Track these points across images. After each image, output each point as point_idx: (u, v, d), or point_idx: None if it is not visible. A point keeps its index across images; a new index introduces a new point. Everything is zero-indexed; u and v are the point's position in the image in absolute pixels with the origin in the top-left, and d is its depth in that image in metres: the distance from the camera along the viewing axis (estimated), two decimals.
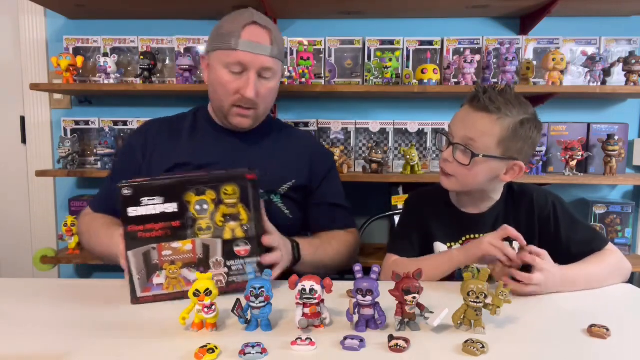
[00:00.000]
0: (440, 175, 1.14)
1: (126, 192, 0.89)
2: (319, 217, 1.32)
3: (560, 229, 1.12)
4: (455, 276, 1.09)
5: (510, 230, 1.01)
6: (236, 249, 0.95)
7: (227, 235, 0.94)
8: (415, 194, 1.31)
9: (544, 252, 0.99)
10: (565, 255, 1.09)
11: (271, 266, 0.99)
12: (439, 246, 1.18)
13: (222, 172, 0.97)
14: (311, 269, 1.09)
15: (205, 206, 0.92)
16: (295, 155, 1.30)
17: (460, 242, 1.16)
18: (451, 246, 1.17)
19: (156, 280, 0.93)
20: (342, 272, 1.40)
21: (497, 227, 1.12)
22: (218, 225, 0.94)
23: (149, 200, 0.90)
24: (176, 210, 0.91)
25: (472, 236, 1.16)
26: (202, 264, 0.94)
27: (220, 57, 1.16)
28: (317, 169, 1.31)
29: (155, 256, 0.92)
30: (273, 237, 1.01)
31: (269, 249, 1.00)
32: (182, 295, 0.93)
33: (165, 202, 0.91)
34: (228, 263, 0.95)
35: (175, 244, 0.92)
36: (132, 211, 0.90)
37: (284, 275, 0.89)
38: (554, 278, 0.98)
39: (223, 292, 0.93)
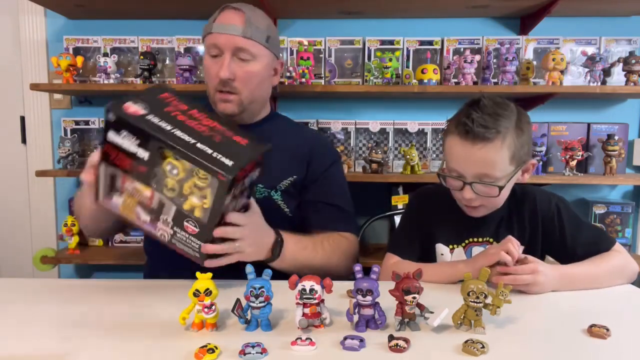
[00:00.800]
0: (466, 209, 1.10)
1: (110, 116, 0.87)
2: (312, 216, 1.26)
3: (565, 231, 1.11)
4: None
5: (511, 247, 0.98)
6: (186, 223, 0.93)
7: (187, 206, 0.91)
8: (418, 193, 1.28)
9: (529, 257, 0.99)
10: (571, 257, 1.08)
11: (269, 265, 0.97)
12: (441, 248, 1.16)
13: (204, 153, 0.89)
14: (294, 269, 1.04)
15: (174, 171, 0.89)
16: (297, 149, 1.28)
17: (463, 245, 1.15)
18: (453, 248, 1.15)
19: (115, 199, 0.94)
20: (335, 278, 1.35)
21: (501, 230, 1.12)
22: (184, 192, 0.90)
23: (125, 135, 0.88)
24: (146, 159, 0.89)
25: (475, 239, 1.15)
26: (154, 213, 0.93)
27: (205, 43, 1.23)
28: (315, 164, 1.28)
29: (119, 181, 0.93)
30: (227, 229, 0.95)
31: (223, 240, 0.96)
32: (132, 224, 0.96)
33: (140, 146, 0.88)
34: (175, 229, 0.94)
35: (138, 184, 0.92)
36: (112, 136, 0.89)
37: (284, 276, 0.89)
38: (548, 278, 0.97)
39: (163, 245, 0.95)
